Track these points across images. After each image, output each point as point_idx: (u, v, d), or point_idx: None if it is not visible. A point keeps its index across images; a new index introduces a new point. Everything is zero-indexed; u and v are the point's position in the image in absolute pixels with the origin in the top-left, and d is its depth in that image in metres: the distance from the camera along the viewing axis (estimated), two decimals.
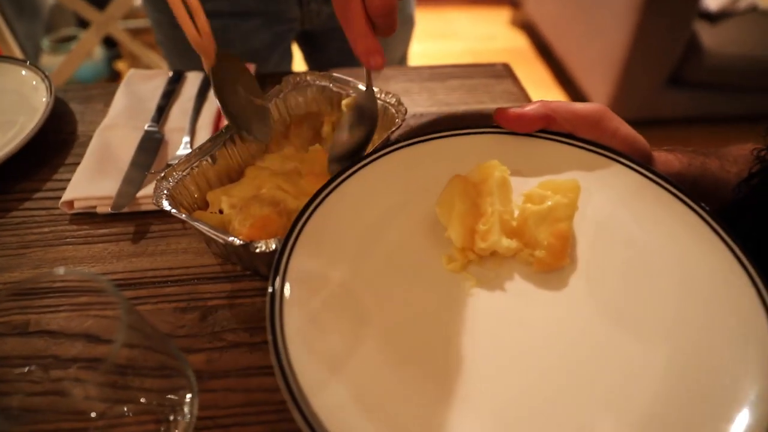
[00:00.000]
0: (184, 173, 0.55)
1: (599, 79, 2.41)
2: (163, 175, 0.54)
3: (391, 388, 0.39)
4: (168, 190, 0.53)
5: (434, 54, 3.01)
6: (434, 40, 3.16)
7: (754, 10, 2.31)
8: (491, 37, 3.27)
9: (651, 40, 2.17)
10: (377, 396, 0.38)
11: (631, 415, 0.37)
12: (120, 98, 0.77)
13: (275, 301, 0.41)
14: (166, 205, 0.51)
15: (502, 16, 3.43)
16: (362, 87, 0.64)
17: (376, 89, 0.63)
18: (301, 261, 0.43)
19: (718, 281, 0.43)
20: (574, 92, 2.67)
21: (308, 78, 0.67)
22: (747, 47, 2.24)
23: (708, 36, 2.22)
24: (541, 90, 2.77)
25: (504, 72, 0.87)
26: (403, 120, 0.59)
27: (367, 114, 0.56)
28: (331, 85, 0.67)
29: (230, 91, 0.59)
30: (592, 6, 2.42)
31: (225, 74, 0.58)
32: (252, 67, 0.83)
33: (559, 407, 0.38)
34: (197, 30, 0.55)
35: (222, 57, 0.57)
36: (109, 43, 2.54)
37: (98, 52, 2.52)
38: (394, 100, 0.62)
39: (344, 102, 0.65)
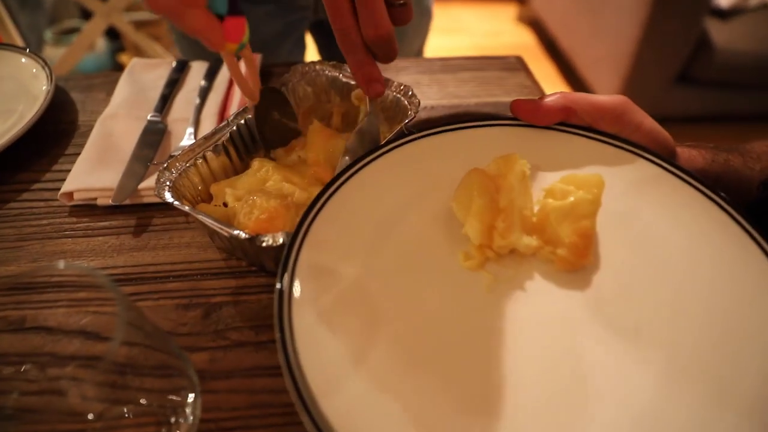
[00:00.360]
0: (188, 164, 0.53)
1: (607, 76, 2.38)
2: (165, 165, 0.51)
3: (406, 391, 0.37)
4: (171, 181, 0.51)
5: (440, 50, 2.99)
6: (440, 36, 3.13)
7: (765, 7, 2.27)
8: (497, 33, 3.25)
9: (660, 36, 2.15)
10: (391, 400, 0.36)
11: (664, 422, 0.35)
12: (122, 87, 0.75)
13: (284, 297, 0.38)
14: (168, 197, 0.49)
15: (508, 12, 3.40)
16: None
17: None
18: (310, 256, 0.41)
19: (749, 281, 0.40)
20: (581, 89, 2.64)
21: (317, 67, 0.65)
22: (758, 44, 2.21)
23: (718, 33, 2.19)
24: (548, 87, 2.73)
25: (517, 65, 0.85)
26: (416, 112, 0.57)
27: (370, 139, 0.55)
28: (341, 75, 0.64)
29: (267, 120, 0.58)
30: (600, 1, 2.40)
31: (264, 106, 0.57)
32: (258, 58, 0.80)
33: (580, 413, 0.36)
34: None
35: (263, 93, 0.56)
36: (113, 35, 2.52)
37: (101, 45, 2.50)
38: (408, 91, 0.60)
39: (354, 93, 0.63)
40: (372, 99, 0.55)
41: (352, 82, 0.64)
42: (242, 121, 0.58)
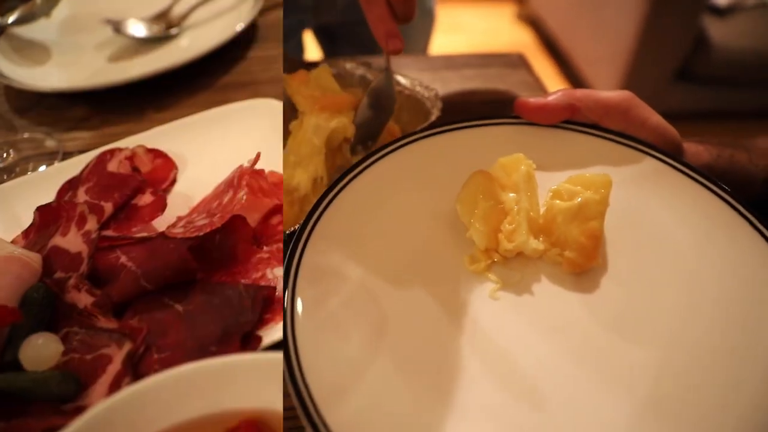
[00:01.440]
0: None
1: (606, 74, 2.38)
2: None
3: (412, 399, 0.36)
4: None
5: (438, 49, 2.97)
6: (439, 35, 3.10)
7: (763, 5, 2.28)
8: (496, 32, 3.24)
9: (659, 33, 2.15)
10: (396, 408, 0.35)
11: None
12: None
13: (285, 299, 0.38)
14: None
15: (507, 10, 3.39)
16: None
17: (403, 79, 0.63)
18: (313, 258, 0.40)
19: (758, 279, 0.40)
20: (581, 87, 2.61)
21: (347, 66, 0.64)
22: (756, 42, 2.21)
23: (716, 30, 2.20)
24: (547, 85, 2.73)
25: (519, 62, 0.84)
26: (438, 116, 0.57)
27: (385, 95, 0.58)
28: (368, 74, 0.63)
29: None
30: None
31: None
32: None
33: (591, 417, 0.35)
34: None
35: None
36: None
37: None
38: (434, 93, 0.60)
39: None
40: (390, 55, 0.55)
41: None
42: None
